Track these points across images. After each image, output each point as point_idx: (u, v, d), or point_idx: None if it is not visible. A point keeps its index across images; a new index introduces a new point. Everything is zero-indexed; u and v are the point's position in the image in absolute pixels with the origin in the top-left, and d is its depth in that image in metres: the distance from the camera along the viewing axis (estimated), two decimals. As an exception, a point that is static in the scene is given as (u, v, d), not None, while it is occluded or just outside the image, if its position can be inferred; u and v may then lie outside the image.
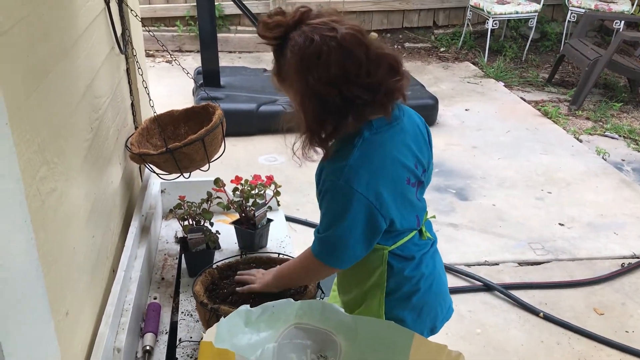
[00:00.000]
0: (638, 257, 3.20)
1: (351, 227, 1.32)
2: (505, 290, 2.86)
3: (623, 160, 4.47)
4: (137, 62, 2.13)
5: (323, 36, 1.24)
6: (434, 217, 1.58)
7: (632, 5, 6.39)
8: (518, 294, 2.86)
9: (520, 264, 3.15)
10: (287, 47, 1.27)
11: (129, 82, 2.18)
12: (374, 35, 1.37)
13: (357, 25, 1.28)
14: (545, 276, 3.04)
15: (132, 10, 2.11)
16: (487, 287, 2.90)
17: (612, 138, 4.85)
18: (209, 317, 1.51)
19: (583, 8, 6.31)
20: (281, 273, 1.54)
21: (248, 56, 6.65)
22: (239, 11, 5.97)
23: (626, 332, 2.65)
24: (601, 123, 5.12)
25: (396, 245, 1.42)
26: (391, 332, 1.29)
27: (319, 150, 1.35)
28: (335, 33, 1.24)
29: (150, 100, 2.05)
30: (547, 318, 2.70)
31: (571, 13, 6.48)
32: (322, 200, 1.36)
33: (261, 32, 1.29)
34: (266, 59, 6.50)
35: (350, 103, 1.27)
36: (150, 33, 2.28)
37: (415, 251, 1.45)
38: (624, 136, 4.87)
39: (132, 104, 2.24)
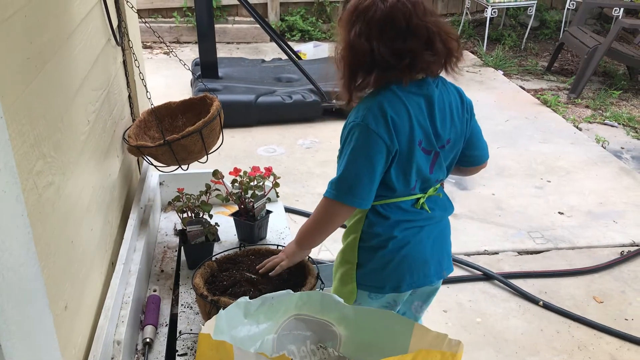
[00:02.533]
0: (637, 245, 3.20)
1: (367, 164, 1.40)
2: (504, 280, 2.86)
3: (622, 148, 4.46)
4: (133, 54, 2.12)
5: None
6: (439, 195, 1.60)
7: (632, -8, 6.37)
8: (518, 283, 2.86)
9: (520, 253, 3.15)
10: None
11: (125, 74, 2.17)
12: None
13: None
14: (544, 265, 3.04)
15: (127, 1, 2.09)
16: (487, 277, 2.90)
17: (612, 126, 4.84)
18: (210, 310, 1.51)
19: (582, -5, 6.30)
20: (302, 232, 1.57)
21: (246, 47, 6.62)
22: (236, 1, 5.95)
23: (625, 319, 2.65)
24: (600, 111, 5.11)
25: (379, 202, 1.49)
26: (391, 322, 1.29)
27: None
28: None
29: (147, 92, 2.04)
30: (547, 307, 2.71)
31: (570, 1, 6.45)
32: (343, 145, 1.44)
33: None
34: (264, 50, 6.47)
35: (376, 63, 1.39)
36: (147, 25, 2.27)
37: (394, 213, 1.50)
38: (623, 124, 4.86)
39: (130, 96, 2.23)
